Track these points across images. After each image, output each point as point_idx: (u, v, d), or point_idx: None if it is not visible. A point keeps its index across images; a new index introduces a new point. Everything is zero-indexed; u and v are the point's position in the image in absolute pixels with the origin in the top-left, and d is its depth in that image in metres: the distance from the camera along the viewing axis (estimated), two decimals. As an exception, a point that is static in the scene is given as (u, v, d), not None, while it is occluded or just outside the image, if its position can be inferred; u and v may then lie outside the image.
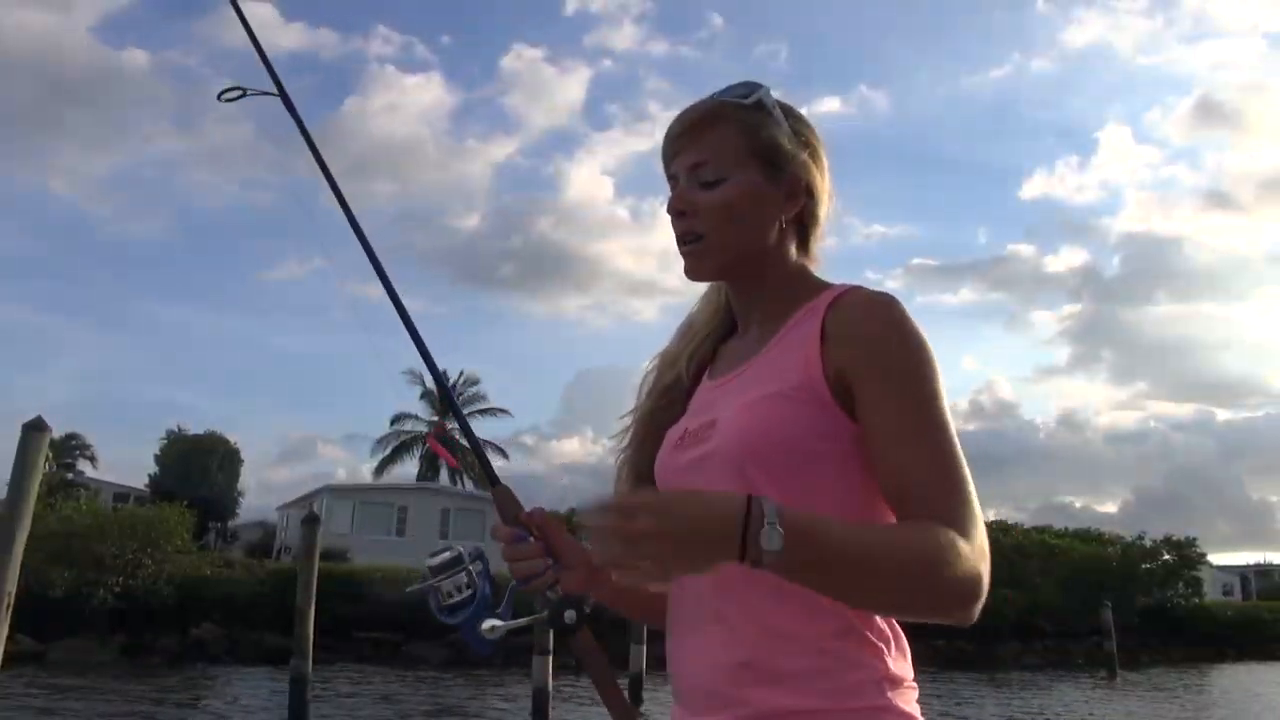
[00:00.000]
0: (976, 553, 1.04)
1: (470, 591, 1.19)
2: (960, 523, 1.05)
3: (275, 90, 1.42)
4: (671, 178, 1.29)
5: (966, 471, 1.10)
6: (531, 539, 1.24)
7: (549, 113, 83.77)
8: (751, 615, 1.13)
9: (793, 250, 1.29)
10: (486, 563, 1.22)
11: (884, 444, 1.11)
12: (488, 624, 1.17)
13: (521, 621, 1.19)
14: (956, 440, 1.11)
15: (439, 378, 1.29)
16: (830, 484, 1.14)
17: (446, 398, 1.28)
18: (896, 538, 1.05)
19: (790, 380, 1.17)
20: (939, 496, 1.07)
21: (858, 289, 1.21)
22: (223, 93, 1.43)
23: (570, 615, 1.16)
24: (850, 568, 0.99)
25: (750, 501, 0.95)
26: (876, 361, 1.13)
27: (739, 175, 1.24)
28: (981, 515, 1.08)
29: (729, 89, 1.28)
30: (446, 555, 1.21)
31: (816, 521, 1.00)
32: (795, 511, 0.97)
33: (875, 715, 1.09)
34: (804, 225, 1.30)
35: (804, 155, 1.27)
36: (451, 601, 1.19)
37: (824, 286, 1.26)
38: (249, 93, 1.42)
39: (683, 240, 1.26)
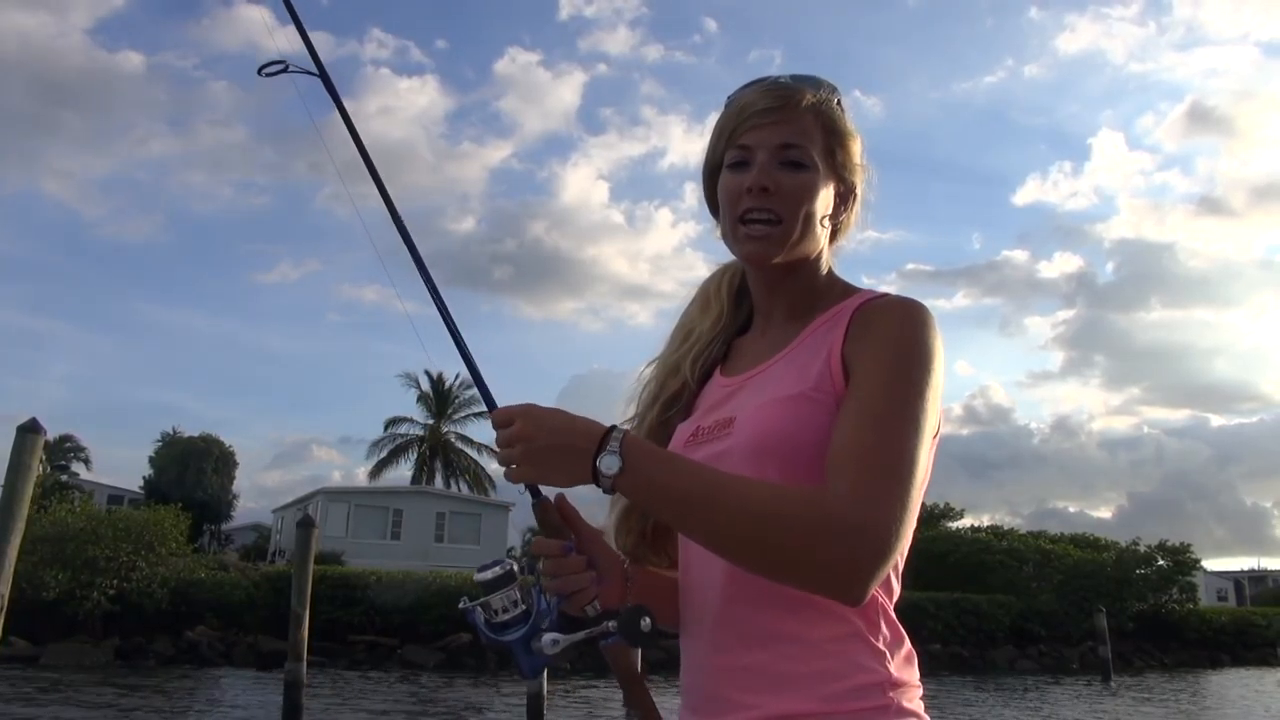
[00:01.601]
0: (841, 530, 0.99)
1: (523, 608, 1.11)
2: (851, 500, 1.01)
3: (316, 70, 1.37)
4: (740, 148, 1.23)
5: (904, 457, 1.05)
6: (576, 553, 1.17)
7: (543, 117, 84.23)
8: (758, 619, 1.13)
9: (827, 252, 1.30)
10: (539, 576, 1.14)
11: (837, 422, 1.10)
12: (548, 639, 1.10)
13: (581, 635, 1.13)
14: (915, 436, 1.07)
15: (482, 384, 1.22)
16: None
17: (485, 398, 1.24)
18: (751, 490, 1.04)
19: (811, 381, 1.16)
20: (848, 469, 1.04)
21: (888, 295, 1.21)
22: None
23: (646, 623, 1.09)
24: (686, 502, 1.04)
25: (608, 430, 1.06)
26: (872, 352, 1.13)
27: (819, 168, 1.23)
28: (901, 499, 1.02)
29: (809, 80, 1.26)
30: (498, 570, 1.12)
31: (661, 457, 1.08)
32: (643, 445, 1.08)
33: (876, 716, 1.09)
34: (834, 230, 1.30)
35: (861, 165, 1.29)
36: (501, 619, 1.11)
37: (852, 290, 1.26)
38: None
39: (752, 219, 1.22)
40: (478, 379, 1.23)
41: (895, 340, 1.13)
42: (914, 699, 1.13)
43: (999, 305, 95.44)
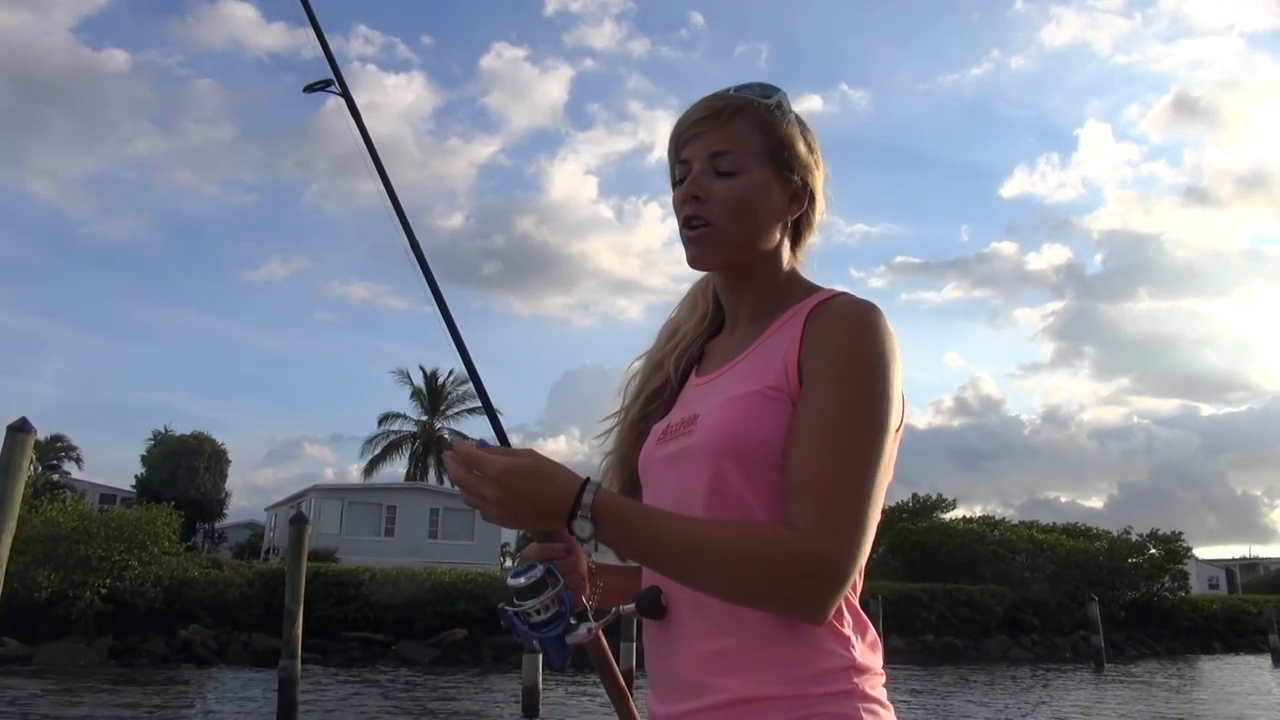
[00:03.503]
0: (807, 566, 1.06)
1: (556, 608, 1.21)
2: (813, 534, 1.07)
3: (339, 91, 1.56)
4: (682, 163, 1.29)
5: (862, 481, 1.10)
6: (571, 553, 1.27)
7: (531, 112, 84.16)
8: (726, 605, 1.15)
9: (786, 251, 1.33)
10: (562, 576, 1.23)
11: (794, 436, 1.14)
12: (584, 628, 1.20)
13: (607, 618, 1.25)
14: (871, 450, 1.12)
15: (479, 385, 1.27)
16: None
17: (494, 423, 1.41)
18: (719, 535, 1.10)
19: (768, 380, 1.20)
20: (808, 497, 1.10)
21: (843, 295, 1.24)
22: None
23: (663, 599, 1.22)
24: (659, 555, 1.12)
25: (580, 490, 1.09)
26: (824, 361, 1.17)
27: (755, 171, 1.27)
28: (860, 526, 1.09)
29: (749, 86, 1.30)
30: (532, 576, 1.21)
31: (632, 515, 1.12)
32: (615, 503, 1.11)
33: (841, 700, 1.12)
34: (798, 228, 1.34)
35: (811, 161, 1.32)
36: (538, 619, 1.21)
37: (813, 290, 1.29)
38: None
39: (689, 225, 1.28)
40: (480, 390, 1.30)
41: (845, 348, 1.16)
42: (876, 686, 1.16)
43: (988, 297, 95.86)
